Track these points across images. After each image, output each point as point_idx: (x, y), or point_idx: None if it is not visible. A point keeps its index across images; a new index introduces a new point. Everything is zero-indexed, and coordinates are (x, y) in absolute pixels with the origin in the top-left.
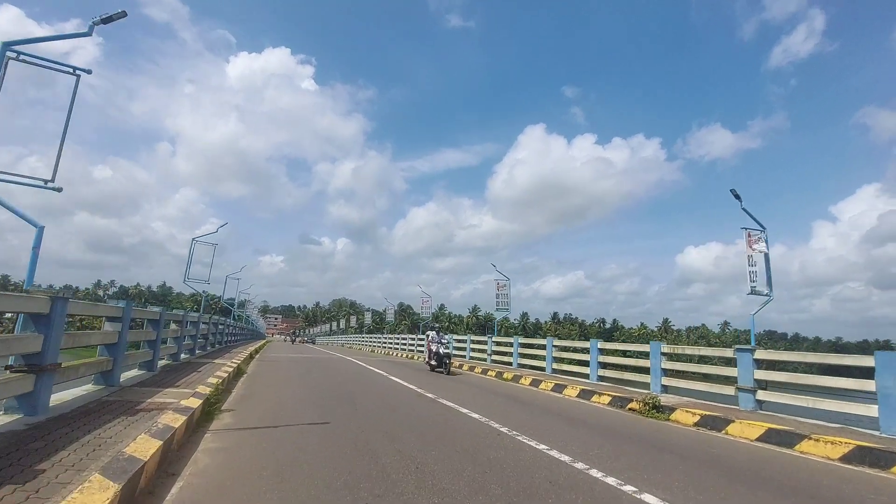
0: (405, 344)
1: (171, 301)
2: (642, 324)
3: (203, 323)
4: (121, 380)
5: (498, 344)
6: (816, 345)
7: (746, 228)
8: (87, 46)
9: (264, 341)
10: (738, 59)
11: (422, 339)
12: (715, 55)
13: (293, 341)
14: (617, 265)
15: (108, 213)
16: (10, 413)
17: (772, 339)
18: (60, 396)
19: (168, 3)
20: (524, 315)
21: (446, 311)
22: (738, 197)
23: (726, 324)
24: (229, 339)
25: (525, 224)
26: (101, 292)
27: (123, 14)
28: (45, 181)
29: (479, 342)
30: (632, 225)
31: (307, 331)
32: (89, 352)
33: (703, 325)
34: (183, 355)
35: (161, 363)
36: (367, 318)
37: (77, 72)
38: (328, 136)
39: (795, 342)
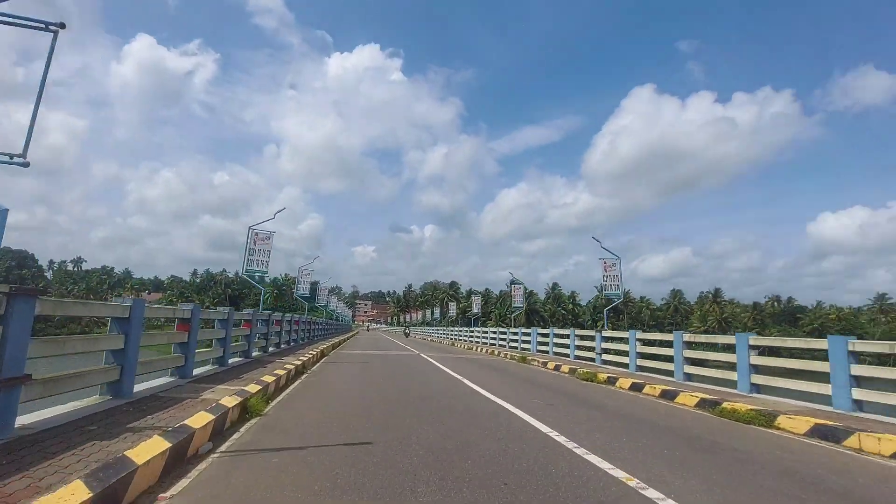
0: None
1: (252, 286)
2: (831, 305)
3: (244, 320)
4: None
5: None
6: None
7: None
8: (207, 64)
9: (346, 336)
10: None
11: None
12: None
13: (368, 329)
14: (732, 239)
15: (225, 214)
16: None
17: None
18: None
19: (276, 10)
20: (676, 293)
21: (564, 291)
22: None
23: None
24: (295, 337)
25: (625, 199)
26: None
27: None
28: (12, 155)
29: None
30: (752, 192)
31: (406, 318)
32: None
33: None
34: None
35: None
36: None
37: (51, 28)
38: (423, 122)
39: None
